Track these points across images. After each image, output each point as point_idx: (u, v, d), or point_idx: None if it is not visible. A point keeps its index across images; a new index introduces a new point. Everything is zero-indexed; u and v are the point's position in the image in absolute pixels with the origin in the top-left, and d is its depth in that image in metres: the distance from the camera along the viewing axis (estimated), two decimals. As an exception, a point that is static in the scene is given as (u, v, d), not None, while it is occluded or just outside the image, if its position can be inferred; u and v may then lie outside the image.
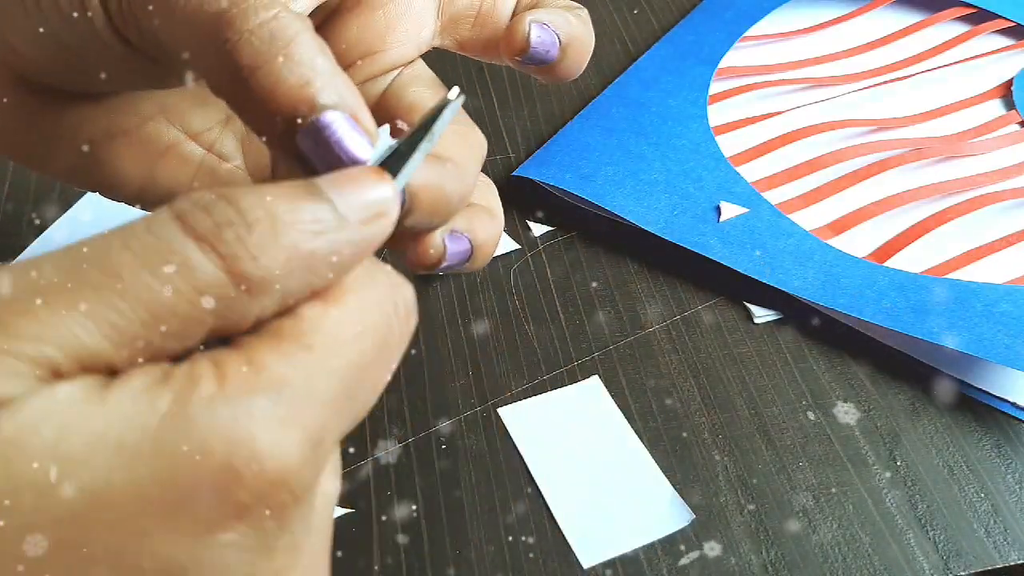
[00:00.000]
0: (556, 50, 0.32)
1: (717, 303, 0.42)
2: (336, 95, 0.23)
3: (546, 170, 0.46)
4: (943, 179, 0.46)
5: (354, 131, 0.23)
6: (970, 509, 0.35)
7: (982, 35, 0.55)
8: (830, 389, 0.39)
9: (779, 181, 0.46)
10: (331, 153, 0.23)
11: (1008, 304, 0.39)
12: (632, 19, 0.58)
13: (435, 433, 0.37)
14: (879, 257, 0.43)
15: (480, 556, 0.34)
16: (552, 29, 0.32)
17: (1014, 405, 0.38)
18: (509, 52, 0.32)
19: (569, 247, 0.44)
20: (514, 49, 0.32)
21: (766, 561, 0.33)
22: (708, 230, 0.43)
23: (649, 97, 0.50)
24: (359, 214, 0.21)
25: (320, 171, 0.23)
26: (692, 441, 0.37)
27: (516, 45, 0.32)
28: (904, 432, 0.37)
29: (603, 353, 0.40)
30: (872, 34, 0.56)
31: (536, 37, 0.32)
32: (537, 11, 0.32)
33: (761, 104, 0.51)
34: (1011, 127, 0.49)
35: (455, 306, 0.42)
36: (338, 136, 0.23)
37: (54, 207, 0.46)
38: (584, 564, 0.33)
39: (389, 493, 0.35)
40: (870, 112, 0.51)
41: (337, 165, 0.23)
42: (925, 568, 0.33)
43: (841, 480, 0.36)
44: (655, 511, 0.35)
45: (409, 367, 0.39)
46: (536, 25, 0.32)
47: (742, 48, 0.54)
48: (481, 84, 0.53)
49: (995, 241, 0.43)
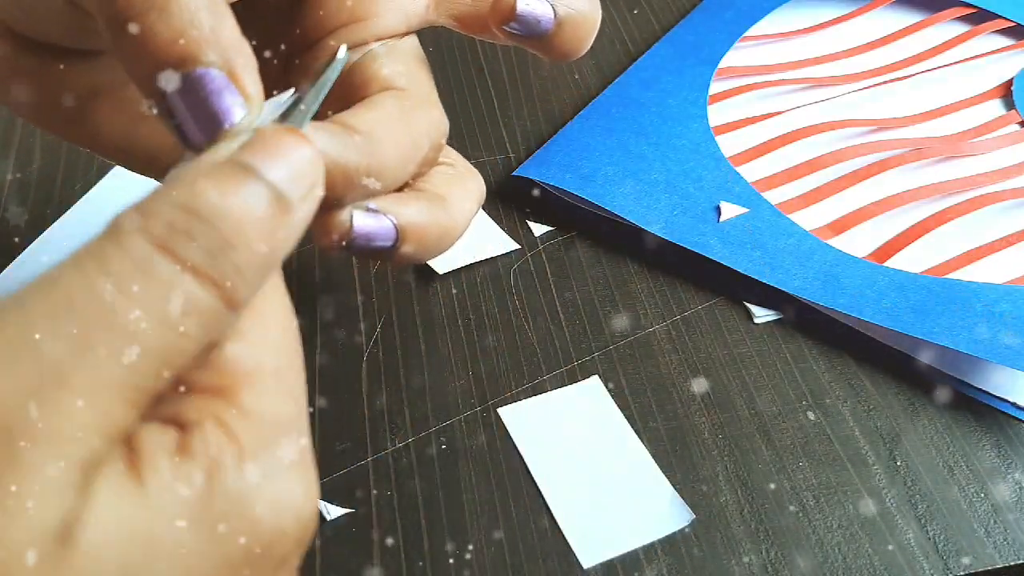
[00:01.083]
0: (549, 21, 0.30)
1: (717, 303, 0.42)
2: (213, 53, 0.23)
3: (546, 170, 0.46)
4: (943, 179, 0.46)
5: (226, 90, 0.23)
6: (970, 509, 0.35)
7: (982, 35, 0.55)
8: (830, 389, 0.39)
9: (779, 181, 0.46)
10: (198, 112, 0.22)
11: (1008, 304, 0.39)
12: (632, 19, 0.58)
13: (435, 433, 0.37)
14: (879, 257, 0.43)
15: (480, 556, 0.34)
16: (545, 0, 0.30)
17: (1014, 405, 0.38)
18: (495, 20, 0.30)
19: (569, 247, 0.44)
20: (500, 17, 0.30)
21: (766, 561, 0.33)
22: (708, 230, 0.43)
23: (649, 97, 0.50)
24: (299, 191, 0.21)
25: (185, 130, 0.23)
26: (692, 441, 0.37)
27: (502, 12, 0.30)
28: (904, 432, 0.37)
29: (603, 353, 0.40)
30: (872, 34, 0.56)
31: (524, 4, 0.30)
32: None
33: (761, 104, 0.51)
34: (1011, 127, 0.49)
35: (455, 306, 0.42)
36: (206, 93, 0.22)
37: (53, 207, 0.46)
38: (584, 564, 0.33)
39: (389, 493, 0.35)
40: (870, 112, 0.51)
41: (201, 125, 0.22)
42: (925, 568, 0.33)
43: (841, 480, 0.36)
44: (655, 511, 0.35)
45: (409, 367, 0.39)
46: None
47: (742, 48, 0.54)
48: (481, 84, 0.53)
49: (995, 241, 0.43)
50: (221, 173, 0.20)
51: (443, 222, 0.30)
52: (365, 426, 0.37)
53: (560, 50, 0.31)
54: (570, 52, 0.32)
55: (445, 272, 0.43)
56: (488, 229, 0.45)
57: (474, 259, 0.43)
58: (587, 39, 0.32)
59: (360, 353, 0.40)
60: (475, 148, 0.49)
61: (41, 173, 0.48)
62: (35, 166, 0.48)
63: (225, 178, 0.20)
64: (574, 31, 0.31)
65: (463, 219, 0.31)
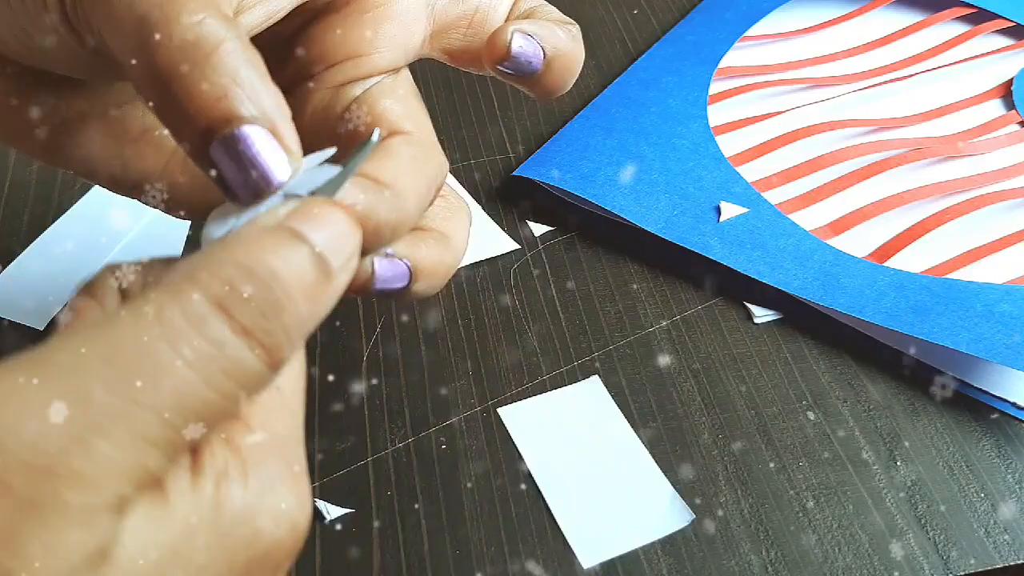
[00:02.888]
0: (539, 62, 0.32)
1: (717, 303, 0.42)
2: (256, 109, 0.23)
3: (546, 170, 0.46)
4: (943, 179, 0.46)
5: (271, 148, 0.23)
6: (970, 509, 0.35)
7: (982, 35, 0.55)
8: (830, 389, 0.39)
9: (779, 181, 0.46)
10: (244, 169, 0.23)
11: (1008, 304, 0.39)
12: (632, 19, 0.58)
13: (435, 433, 0.37)
14: (879, 257, 0.43)
15: (480, 556, 0.34)
16: (537, 41, 0.31)
17: (1014, 405, 0.38)
18: (490, 60, 0.32)
19: (569, 247, 0.44)
20: (494, 56, 0.31)
21: (766, 561, 0.33)
22: (708, 230, 0.43)
23: (649, 97, 0.50)
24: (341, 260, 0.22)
25: (232, 187, 0.23)
26: (692, 441, 0.37)
27: (497, 52, 0.31)
28: (904, 432, 0.37)
29: (603, 353, 0.40)
30: (872, 34, 0.56)
31: (518, 46, 0.31)
32: (524, 22, 0.32)
33: (761, 104, 0.51)
34: (1011, 127, 0.49)
35: (455, 306, 0.42)
36: (254, 151, 0.23)
37: (51, 211, 0.46)
38: (584, 564, 0.33)
39: (389, 493, 0.35)
40: (870, 112, 0.51)
41: (249, 182, 0.23)
42: (925, 568, 0.33)
43: (841, 480, 0.36)
44: (655, 511, 0.35)
45: (409, 367, 0.39)
46: (519, 34, 0.31)
47: (742, 48, 0.54)
48: (481, 84, 0.53)
49: (995, 241, 0.43)
50: (277, 238, 0.21)
51: (448, 259, 0.32)
52: (365, 426, 0.37)
53: (546, 88, 0.33)
54: (555, 89, 0.33)
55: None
56: (488, 229, 0.45)
57: (474, 259, 0.43)
58: (572, 77, 0.33)
59: (360, 353, 0.40)
60: (475, 148, 0.49)
61: (40, 174, 0.48)
62: (35, 167, 0.48)
63: (281, 243, 0.21)
64: (560, 70, 0.32)
65: (462, 251, 0.33)
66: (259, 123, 0.23)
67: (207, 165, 0.23)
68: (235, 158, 0.23)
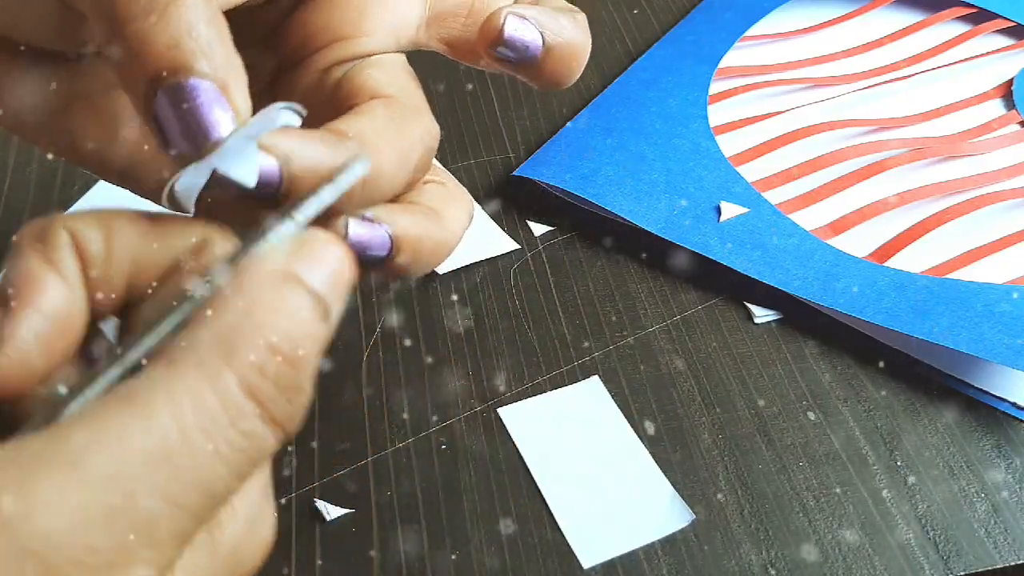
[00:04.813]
0: (537, 48, 0.30)
1: (717, 303, 0.42)
2: (207, 65, 0.22)
3: (546, 170, 0.46)
4: (943, 179, 0.46)
5: (218, 103, 0.22)
6: (970, 509, 0.35)
7: (982, 35, 0.55)
8: (830, 389, 0.39)
9: (779, 181, 0.46)
10: (184, 120, 0.22)
11: (1008, 304, 0.39)
12: (632, 19, 0.58)
13: (435, 433, 0.37)
14: (879, 257, 0.43)
15: (480, 556, 0.34)
16: (534, 26, 0.30)
17: (1014, 405, 0.38)
18: (483, 43, 0.30)
19: (569, 247, 0.44)
20: (487, 39, 0.30)
21: (766, 561, 0.33)
22: (708, 230, 0.43)
23: (649, 97, 0.50)
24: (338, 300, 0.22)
25: (170, 138, 0.23)
26: (692, 441, 0.37)
27: (488, 35, 0.30)
28: (904, 432, 0.37)
29: (603, 353, 0.40)
30: (872, 34, 0.56)
31: (512, 29, 0.30)
32: (521, 6, 0.30)
33: (761, 104, 0.51)
34: (1011, 127, 0.49)
35: (455, 306, 0.42)
36: (198, 103, 0.22)
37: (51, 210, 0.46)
38: (584, 564, 0.33)
39: (389, 493, 0.35)
40: (870, 112, 0.51)
41: (187, 133, 0.22)
42: (925, 568, 0.33)
43: (841, 480, 0.36)
44: (655, 511, 0.35)
45: (409, 367, 0.39)
46: (513, 17, 0.30)
47: (742, 48, 0.54)
48: (481, 84, 0.53)
49: (995, 241, 0.43)
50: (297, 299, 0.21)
51: (437, 235, 0.30)
52: (365, 426, 0.37)
53: (549, 78, 0.31)
54: (559, 81, 0.31)
55: (445, 272, 0.43)
56: (488, 229, 0.45)
57: (474, 259, 0.43)
58: (577, 68, 0.31)
59: (360, 353, 0.40)
60: (475, 148, 0.49)
61: (40, 173, 0.48)
62: (34, 166, 0.48)
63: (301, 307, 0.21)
64: (563, 59, 0.31)
65: (456, 234, 0.31)
66: (208, 77, 0.22)
67: (150, 117, 0.23)
68: (177, 109, 0.22)
